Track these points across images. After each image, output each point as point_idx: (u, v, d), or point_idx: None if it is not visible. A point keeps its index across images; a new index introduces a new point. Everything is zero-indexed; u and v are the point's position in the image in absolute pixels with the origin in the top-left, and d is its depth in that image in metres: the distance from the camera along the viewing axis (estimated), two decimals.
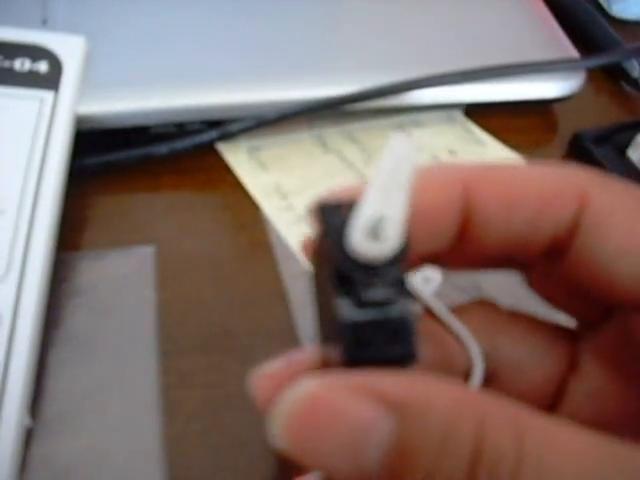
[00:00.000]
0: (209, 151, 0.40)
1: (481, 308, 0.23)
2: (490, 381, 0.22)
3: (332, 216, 0.18)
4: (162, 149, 0.38)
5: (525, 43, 0.44)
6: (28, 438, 0.30)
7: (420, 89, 0.40)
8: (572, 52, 0.44)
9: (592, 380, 0.22)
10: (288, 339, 0.34)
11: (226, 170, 0.40)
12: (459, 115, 0.43)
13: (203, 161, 0.40)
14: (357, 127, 0.42)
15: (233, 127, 0.38)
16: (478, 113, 0.43)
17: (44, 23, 0.40)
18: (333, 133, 0.42)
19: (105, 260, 0.36)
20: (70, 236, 0.36)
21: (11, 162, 0.34)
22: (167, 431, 0.31)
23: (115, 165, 0.38)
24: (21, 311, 0.31)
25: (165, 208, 0.38)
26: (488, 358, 0.22)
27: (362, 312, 0.17)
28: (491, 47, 0.43)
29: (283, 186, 0.39)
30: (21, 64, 0.36)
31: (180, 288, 0.34)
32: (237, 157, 0.40)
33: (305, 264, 0.36)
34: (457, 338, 0.23)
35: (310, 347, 0.21)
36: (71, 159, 0.36)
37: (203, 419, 0.31)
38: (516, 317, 0.23)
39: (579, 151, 0.43)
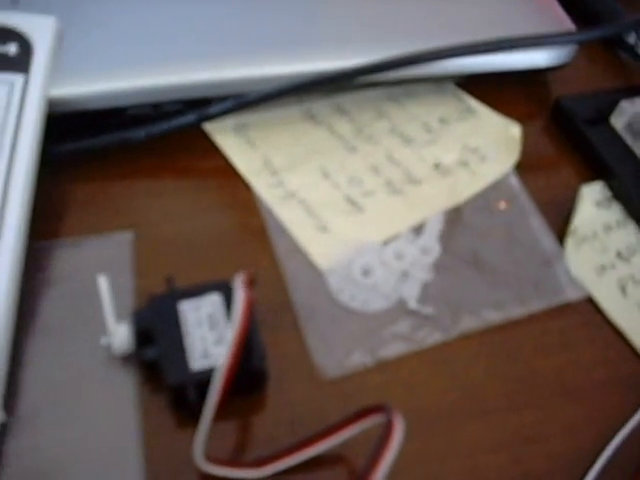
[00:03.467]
0: (192, 131, 0.38)
1: None
2: None
3: None
4: (139, 133, 0.36)
5: (516, 11, 0.42)
6: (3, 433, 0.29)
7: (413, 65, 0.38)
8: (565, 21, 0.42)
9: None
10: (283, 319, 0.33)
11: (211, 150, 0.38)
12: (451, 86, 0.41)
13: (185, 141, 0.38)
14: (346, 99, 0.40)
15: (213, 109, 0.37)
16: (470, 84, 0.42)
17: (14, 3, 0.38)
18: (322, 106, 0.40)
19: (82, 248, 0.34)
20: (46, 224, 0.35)
21: None
22: (144, 424, 0.30)
23: (91, 150, 0.36)
24: None
25: (145, 192, 0.37)
26: None
27: None
28: (483, 18, 0.41)
29: (273, 163, 0.37)
30: None
31: (161, 275, 0.32)
32: (223, 135, 0.38)
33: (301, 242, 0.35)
34: None
35: None
36: (45, 145, 0.34)
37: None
38: None
39: (561, 119, 0.41)
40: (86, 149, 0.36)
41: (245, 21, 0.39)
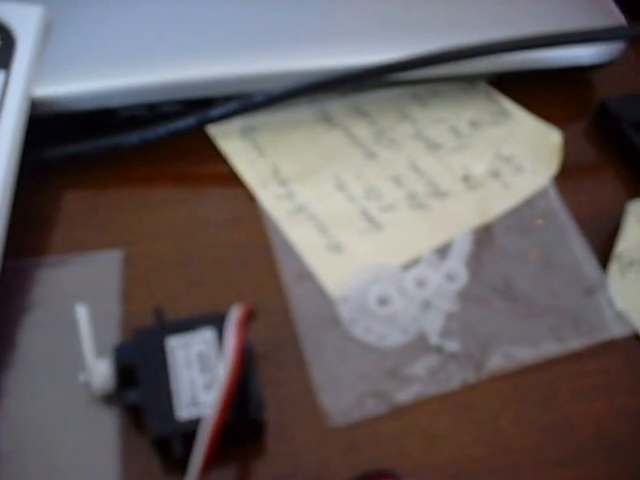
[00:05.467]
0: (193, 134, 0.34)
1: None
2: None
3: None
4: (132, 138, 0.33)
5: (563, 3, 0.37)
6: None
7: (443, 63, 0.34)
8: (615, 13, 0.38)
9: None
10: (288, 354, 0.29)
11: (213, 156, 0.35)
12: (483, 85, 0.37)
13: (184, 146, 0.35)
14: (366, 99, 0.36)
15: (215, 112, 0.33)
16: (504, 83, 0.37)
17: None
18: (338, 106, 0.36)
19: (64, 268, 0.31)
20: (26, 239, 0.32)
21: None
22: (126, 471, 0.27)
23: (78, 156, 0.32)
24: None
25: (137, 204, 0.33)
26: None
27: None
28: (521, 10, 0.37)
29: (282, 171, 0.34)
30: None
31: (151, 300, 0.29)
32: (228, 140, 0.35)
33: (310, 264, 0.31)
34: None
35: None
36: (27, 149, 0.31)
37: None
38: None
39: (606, 123, 0.37)
40: (72, 155, 0.33)
41: (252, 12, 0.35)
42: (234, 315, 0.25)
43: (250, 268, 0.31)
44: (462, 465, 0.27)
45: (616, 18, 0.37)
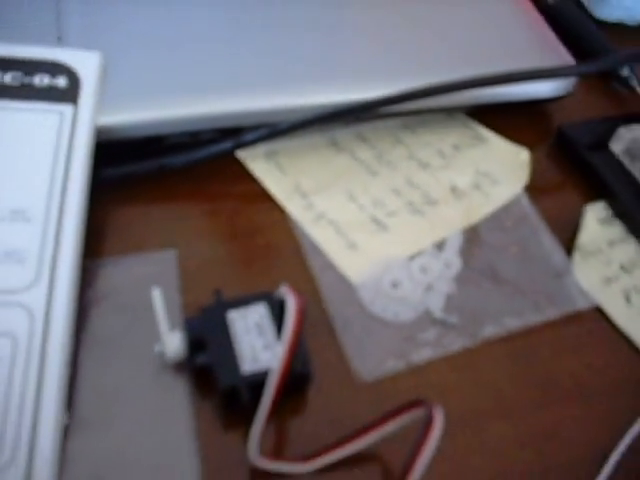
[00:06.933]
0: (225, 158, 0.41)
1: None
2: None
3: None
4: (178, 160, 0.39)
5: (521, 47, 0.46)
6: (66, 434, 0.31)
7: (429, 96, 0.41)
8: (565, 56, 0.46)
9: None
10: (321, 328, 0.35)
11: (243, 175, 0.41)
12: (461, 115, 0.45)
13: (219, 168, 0.41)
14: (366, 128, 0.43)
15: (248, 137, 0.39)
16: (479, 113, 0.45)
17: (59, 40, 0.41)
18: (344, 134, 0.43)
19: (127, 265, 0.37)
20: (91, 244, 0.36)
21: (35, 173, 0.35)
22: (196, 426, 0.32)
23: (133, 175, 0.39)
24: (53, 315, 0.32)
25: (184, 215, 0.39)
26: None
27: None
28: (489, 52, 0.45)
29: (302, 187, 0.40)
30: (40, 80, 0.37)
31: (204, 291, 0.35)
32: (255, 162, 0.41)
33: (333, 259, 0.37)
34: None
35: None
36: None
37: None
38: None
39: (564, 145, 0.45)
40: (129, 174, 0.39)
41: (275, 56, 0.42)
42: (287, 287, 0.32)
43: (284, 263, 0.38)
44: (467, 410, 0.34)
45: (567, 59, 0.45)
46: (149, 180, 0.40)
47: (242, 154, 0.41)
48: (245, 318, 0.33)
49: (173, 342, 0.33)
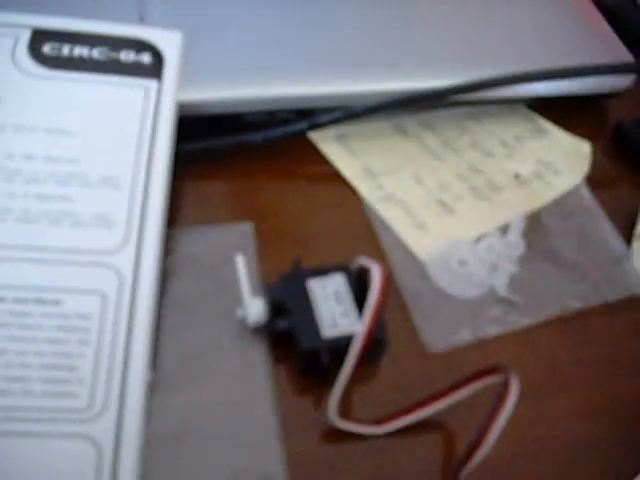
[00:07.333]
0: (299, 138, 0.42)
1: None
2: None
3: None
4: (257, 137, 0.41)
5: (581, 44, 0.47)
6: (151, 391, 0.32)
7: (494, 87, 0.43)
8: (624, 54, 0.47)
9: None
10: (392, 301, 0.37)
11: (315, 156, 0.43)
12: (522, 107, 0.46)
13: (292, 147, 0.43)
14: (432, 116, 0.45)
15: (323, 118, 0.41)
16: (538, 105, 0.47)
17: (141, 20, 0.43)
18: (410, 121, 0.45)
19: (207, 235, 0.38)
20: (172, 214, 0.38)
21: (122, 143, 0.37)
22: (275, 387, 0.33)
23: (214, 150, 0.40)
24: (140, 276, 0.33)
25: (261, 190, 0.41)
26: None
27: None
28: (550, 47, 0.46)
29: (372, 169, 0.42)
30: (126, 55, 0.39)
31: (281, 261, 0.36)
32: (327, 144, 0.43)
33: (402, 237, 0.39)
34: None
35: None
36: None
37: None
38: None
39: (621, 139, 0.46)
40: (209, 149, 0.40)
41: (351, 43, 0.44)
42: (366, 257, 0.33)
43: (355, 240, 0.39)
44: (530, 383, 0.35)
45: (626, 56, 0.47)
46: (226, 155, 0.42)
47: (314, 135, 0.43)
48: (324, 287, 0.34)
49: (255, 307, 0.34)
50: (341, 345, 0.32)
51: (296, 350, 0.33)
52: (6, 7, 0.39)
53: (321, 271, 0.35)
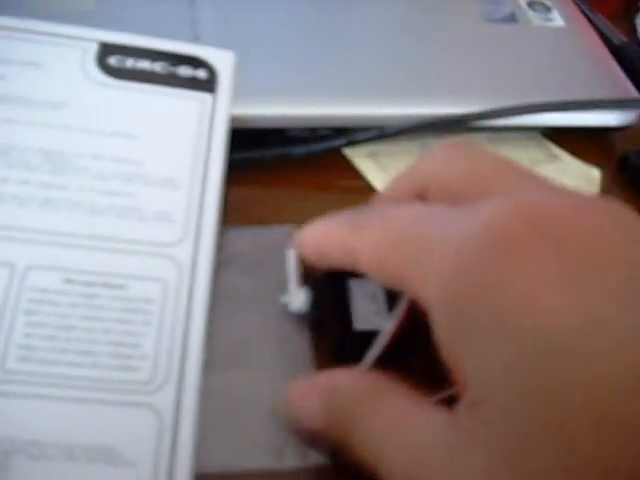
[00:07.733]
0: (335, 152, 0.46)
1: None
2: None
3: None
4: (300, 150, 0.45)
5: (592, 80, 0.52)
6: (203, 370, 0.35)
7: (513, 115, 0.47)
8: (632, 90, 0.52)
9: None
10: None
11: (350, 171, 0.47)
12: (537, 134, 0.51)
13: (328, 162, 0.46)
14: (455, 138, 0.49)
15: (359, 135, 0.45)
16: (553, 134, 0.51)
17: (196, 39, 0.47)
18: (436, 143, 0.49)
19: (252, 234, 0.41)
20: (222, 216, 0.40)
21: (181, 148, 0.40)
22: (316, 363, 0.37)
23: (260, 160, 0.44)
24: (198, 268, 0.37)
25: (300, 199, 0.44)
26: None
27: None
28: (564, 81, 0.51)
29: None
30: (184, 71, 0.43)
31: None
32: (360, 159, 0.47)
33: None
34: None
35: None
36: None
37: None
38: None
39: (627, 169, 0.50)
40: (257, 158, 0.44)
41: (385, 71, 0.49)
42: None
43: None
44: None
45: (633, 93, 0.51)
46: (271, 165, 0.45)
47: (348, 151, 0.47)
48: (362, 287, 0.37)
49: (299, 296, 0.38)
50: (370, 339, 0.34)
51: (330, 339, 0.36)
52: (77, 22, 0.43)
53: (360, 274, 0.38)
